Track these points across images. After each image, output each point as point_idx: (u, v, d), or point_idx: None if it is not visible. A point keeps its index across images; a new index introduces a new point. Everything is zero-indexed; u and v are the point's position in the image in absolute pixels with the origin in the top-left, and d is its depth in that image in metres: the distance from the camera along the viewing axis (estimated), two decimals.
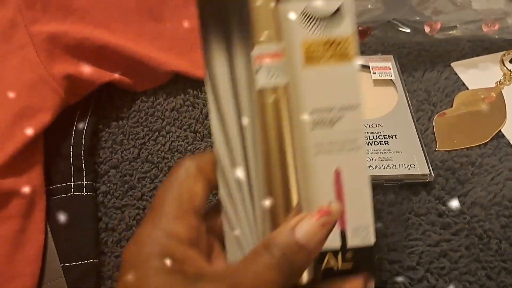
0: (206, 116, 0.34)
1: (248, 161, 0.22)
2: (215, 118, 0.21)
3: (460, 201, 0.30)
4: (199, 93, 0.36)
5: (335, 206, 0.21)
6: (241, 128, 0.22)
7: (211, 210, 0.22)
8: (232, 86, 0.22)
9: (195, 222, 0.19)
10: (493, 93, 0.36)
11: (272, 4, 0.21)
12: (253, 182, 0.21)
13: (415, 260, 0.27)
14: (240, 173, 0.21)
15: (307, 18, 0.22)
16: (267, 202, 0.21)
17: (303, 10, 0.22)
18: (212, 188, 0.21)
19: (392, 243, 0.28)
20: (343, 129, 0.22)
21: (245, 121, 0.21)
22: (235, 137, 0.22)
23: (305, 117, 0.22)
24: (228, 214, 0.21)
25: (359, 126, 0.22)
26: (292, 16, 0.22)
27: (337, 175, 0.22)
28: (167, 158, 0.32)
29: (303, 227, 0.19)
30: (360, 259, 0.22)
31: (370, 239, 0.22)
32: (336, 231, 0.22)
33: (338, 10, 0.22)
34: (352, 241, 0.22)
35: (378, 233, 0.27)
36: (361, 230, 0.22)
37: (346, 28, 0.22)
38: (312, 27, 0.22)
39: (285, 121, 0.22)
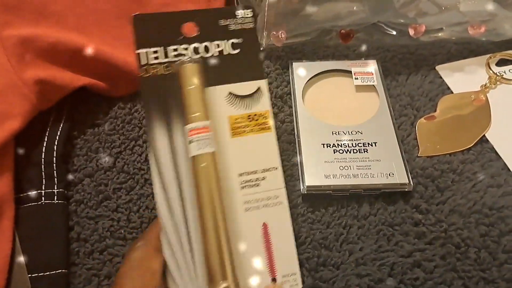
0: None
1: (188, 224, 0.25)
2: (158, 188, 0.25)
3: (438, 209, 0.29)
4: None
5: (277, 286, 0.25)
6: (181, 192, 0.25)
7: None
8: (171, 156, 0.25)
9: None
10: (482, 96, 0.35)
11: (201, 88, 0.26)
12: (193, 243, 0.25)
13: (386, 272, 0.27)
14: (182, 236, 0.25)
15: (232, 98, 0.27)
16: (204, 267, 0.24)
17: (228, 92, 0.27)
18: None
19: (361, 257, 0.28)
20: (267, 188, 0.26)
21: (184, 185, 0.25)
22: (176, 201, 0.25)
23: (234, 179, 0.26)
24: (171, 272, 0.24)
25: (281, 184, 0.26)
26: (219, 97, 0.27)
27: (265, 228, 0.26)
28: (143, 170, 0.31)
29: None
30: None
31: (298, 285, 0.25)
32: (267, 279, 0.25)
33: (256, 91, 0.27)
34: None
35: (344, 252, 0.27)
36: (290, 276, 0.25)
37: (264, 104, 0.27)
38: (236, 105, 0.27)
39: (215, 183, 0.25)
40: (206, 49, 0.27)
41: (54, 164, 0.29)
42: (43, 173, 0.29)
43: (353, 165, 0.31)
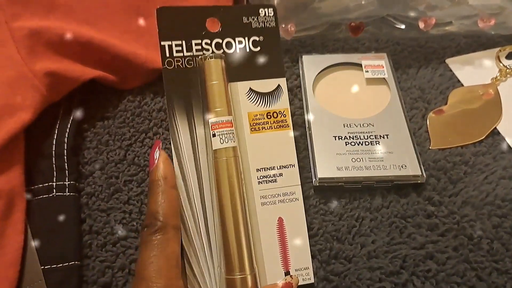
0: None
1: (206, 214, 0.25)
2: (178, 177, 0.25)
3: (450, 201, 0.29)
4: None
5: (295, 279, 0.25)
6: (199, 183, 0.26)
7: None
8: (192, 148, 0.26)
9: (184, 285, 0.22)
10: (491, 90, 0.35)
11: (224, 83, 0.27)
12: (210, 233, 0.25)
13: (398, 265, 0.27)
14: (200, 225, 0.25)
15: (252, 94, 0.28)
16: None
17: (249, 88, 0.28)
18: None
19: (373, 250, 0.27)
20: (283, 184, 0.27)
21: (203, 176, 0.26)
22: (195, 192, 0.26)
23: (251, 174, 0.27)
24: (189, 259, 0.25)
25: (297, 181, 0.27)
26: (240, 93, 0.27)
27: (280, 222, 0.26)
28: None
29: None
30: None
31: (311, 279, 0.26)
32: (281, 272, 0.26)
33: (277, 88, 0.28)
34: None
35: (356, 245, 0.27)
36: (302, 270, 0.26)
37: (283, 102, 0.28)
38: (255, 101, 0.28)
39: (236, 176, 0.26)
40: (228, 45, 0.28)
41: (65, 157, 0.29)
42: (54, 165, 0.29)
43: (365, 157, 0.30)
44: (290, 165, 0.27)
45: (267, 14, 0.28)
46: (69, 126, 0.31)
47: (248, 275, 0.24)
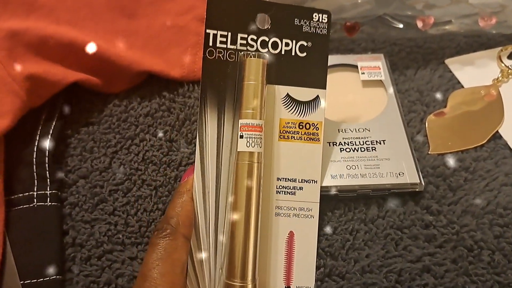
0: (183, 123, 0.32)
1: (218, 215, 0.25)
2: (197, 173, 0.25)
3: (449, 210, 0.28)
4: (176, 97, 0.33)
5: None
6: (217, 182, 0.25)
7: None
8: (216, 144, 0.25)
9: None
10: (493, 91, 0.34)
11: (262, 85, 0.25)
12: (219, 235, 0.25)
13: (393, 280, 0.26)
14: (210, 225, 0.25)
15: (288, 100, 0.26)
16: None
17: (286, 94, 0.26)
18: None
19: (367, 265, 0.26)
20: (301, 199, 0.26)
21: (222, 176, 0.25)
22: (211, 190, 0.25)
23: (271, 182, 0.26)
24: (194, 260, 0.24)
25: (316, 198, 0.26)
26: (276, 97, 0.26)
27: (290, 236, 0.26)
28: (141, 170, 0.30)
29: None
30: None
31: None
32: (282, 286, 0.25)
33: (315, 98, 0.27)
34: None
35: (349, 260, 0.26)
36: None
37: (318, 114, 0.27)
38: (291, 109, 0.26)
39: (256, 183, 0.25)
40: (274, 45, 0.26)
41: (47, 164, 0.28)
42: (35, 173, 0.28)
43: (361, 164, 0.29)
44: (312, 180, 0.26)
45: (320, 20, 0.27)
46: (51, 132, 0.29)
47: (249, 284, 0.24)
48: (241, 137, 0.25)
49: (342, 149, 0.30)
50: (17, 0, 0.29)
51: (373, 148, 0.30)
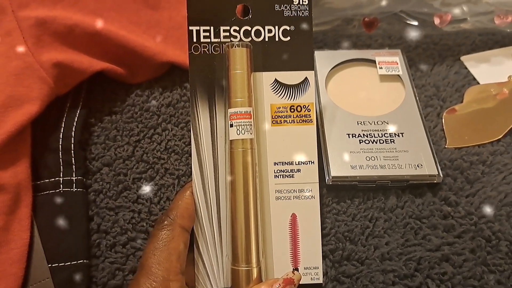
0: None
1: (219, 203, 0.25)
2: (195, 165, 0.25)
3: (467, 202, 0.29)
4: None
5: (297, 275, 0.25)
6: (215, 172, 0.25)
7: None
8: (211, 136, 0.26)
9: (182, 280, 0.22)
10: (505, 89, 0.35)
11: (248, 74, 0.26)
12: (222, 222, 0.25)
13: (412, 267, 0.26)
14: (212, 218, 0.25)
15: (277, 85, 0.26)
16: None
17: (274, 79, 0.26)
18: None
19: (387, 252, 0.27)
20: (300, 180, 0.26)
21: (219, 166, 0.26)
22: (211, 181, 0.25)
23: (268, 167, 0.26)
24: (199, 246, 0.25)
25: (315, 179, 0.26)
26: (264, 83, 0.26)
27: (293, 219, 0.26)
28: (163, 159, 0.30)
29: None
30: None
31: (319, 279, 0.26)
32: (289, 268, 0.25)
33: (303, 81, 0.27)
34: (303, 279, 0.25)
35: (369, 246, 0.27)
36: (312, 270, 0.26)
37: (309, 96, 0.27)
38: (280, 93, 0.26)
39: (251, 169, 0.25)
40: (257, 33, 0.26)
41: (72, 151, 0.28)
42: (61, 160, 0.28)
43: (380, 155, 0.30)
44: (309, 161, 0.26)
45: (301, 3, 0.26)
46: (76, 120, 0.30)
47: (254, 268, 0.24)
48: (231, 125, 0.25)
49: (361, 141, 0.30)
50: None
51: (392, 140, 0.30)
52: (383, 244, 0.27)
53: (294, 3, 0.26)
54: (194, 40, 0.26)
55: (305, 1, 0.27)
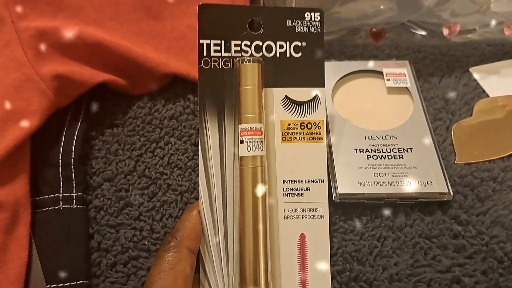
0: None
1: (226, 222, 0.25)
2: (203, 182, 0.25)
3: (478, 221, 0.28)
4: None
5: None
6: (223, 189, 0.25)
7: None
8: (219, 152, 0.25)
9: None
10: None
11: (259, 89, 0.25)
12: (229, 241, 0.25)
13: None
14: (219, 237, 0.25)
15: (287, 102, 0.26)
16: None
17: (284, 95, 0.26)
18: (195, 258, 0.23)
19: (395, 273, 0.26)
20: (309, 199, 0.26)
21: (227, 183, 0.25)
22: (218, 198, 0.25)
23: (277, 185, 0.26)
24: (205, 265, 0.24)
25: (324, 198, 0.26)
26: (275, 99, 0.26)
27: (302, 239, 0.25)
28: (166, 174, 0.29)
29: None
30: None
31: None
32: None
33: (314, 98, 0.27)
34: None
35: (377, 267, 0.26)
36: None
37: (319, 113, 0.26)
38: (290, 110, 0.26)
39: (259, 186, 0.24)
40: (268, 48, 0.26)
41: (72, 166, 0.28)
42: (60, 175, 0.27)
43: (388, 172, 0.29)
44: (319, 180, 0.26)
45: (313, 19, 0.26)
46: (76, 133, 0.29)
47: None
48: (242, 142, 0.25)
49: (369, 156, 0.30)
50: (45, 0, 0.29)
51: (401, 156, 0.30)
52: (392, 264, 0.26)
53: (306, 19, 0.26)
54: (205, 54, 0.25)
55: (317, 17, 0.26)
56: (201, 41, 0.25)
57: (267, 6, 0.27)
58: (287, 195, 0.26)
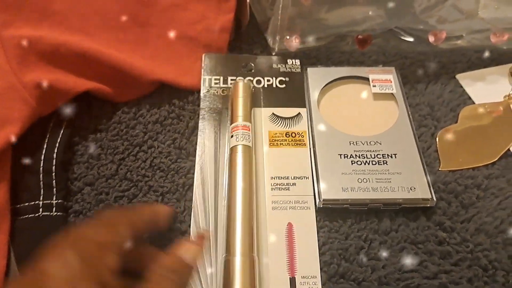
0: (193, 130, 0.32)
1: (217, 210, 0.27)
2: (198, 179, 0.29)
3: (462, 228, 0.28)
4: (185, 104, 0.33)
5: (207, 232, 0.26)
6: (216, 183, 0.28)
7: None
8: (214, 153, 0.30)
9: None
10: (500, 107, 0.34)
11: (249, 100, 0.32)
12: (218, 221, 0.27)
13: None
14: (210, 216, 0.27)
15: (274, 117, 0.32)
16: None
17: (272, 113, 0.32)
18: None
19: (384, 276, 0.26)
20: (296, 193, 0.28)
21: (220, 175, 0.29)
22: (211, 190, 0.28)
23: (265, 181, 0.29)
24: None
25: (309, 192, 0.29)
26: (264, 116, 0.32)
27: (290, 228, 0.27)
28: (148, 176, 0.29)
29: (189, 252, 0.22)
30: None
31: None
32: (286, 278, 0.25)
33: (297, 115, 0.32)
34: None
35: (366, 267, 0.26)
36: (310, 279, 0.25)
37: (302, 126, 0.32)
38: (277, 123, 0.32)
39: (248, 166, 0.28)
40: (258, 82, 0.34)
41: (53, 173, 0.28)
42: (41, 182, 0.27)
43: (372, 177, 0.29)
44: (304, 177, 0.29)
45: (294, 64, 0.35)
46: (59, 141, 0.29)
47: (247, 258, 0.24)
48: (232, 136, 0.29)
49: (353, 162, 0.30)
50: (30, 7, 0.29)
51: (385, 162, 0.30)
52: (380, 267, 0.26)
53: (288, 63, 0.35)
54: (206, 85, 0.33)
55: (297, 63, 0.35)
56: (204, 77, 0.33)
57: (257, 55, 0.35)
58: (274, 189, 0.28)
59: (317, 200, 0.28)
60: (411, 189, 0.28)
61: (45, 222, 0.26)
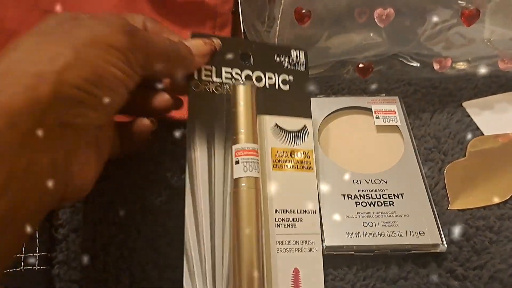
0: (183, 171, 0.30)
1: (215, 251, 0.23)
2: (189, 206, 0.24)
3: (475, 275, 0.26)
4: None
5: (217, 40, 0.26)
6: (211, 214, 0.24)
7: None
8: (208, 175, 0.24)
9: None
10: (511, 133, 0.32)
11: (253, 111, 0.26)
12: (217, 271, 0.23)
13: None
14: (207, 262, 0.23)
15: (277, 130, 0.27)
16: None
17: (275, 123, 0.27)
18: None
19: None
20: (302, 231, 0.25)
21: (216, 208, 0.24)
22: (206, 226, 0.24)
23: (270, 214, 0.25)
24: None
25: (317, 229, 0.26)
26: (266, 126, 0.27)
27: (296, 274, 0.24)
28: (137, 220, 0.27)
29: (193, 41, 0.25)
30: None
31: None
32: None
33: (302, 128, 0.27)
34: None
35: None
36: None
37: (308, 143, 0.27)
38: (281, 138, 0.27)
39: (255, 209, 0.24)
40: (258, 79, 0.27)
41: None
42: None
43: (378, 221, 0.27)
44: (311, 210, 0.26)
45: (298, 57, 0.29)
46: None
47: None
48: (237, 162, 0.24)
49: (357, 203, 0.28)
50: None
51: (391, 203, 0.28)
52: None
53: (292, 56, 0.28)
54: (195, 77, 0.26)
55: (302, 56, 0.29)
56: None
57: (256, 41, 0.30)
58: (279, 226, 0.25)
59: (320, 247, 0.26)
60: (420, 233, 0.26)
61: (27, 277, 0.24)
